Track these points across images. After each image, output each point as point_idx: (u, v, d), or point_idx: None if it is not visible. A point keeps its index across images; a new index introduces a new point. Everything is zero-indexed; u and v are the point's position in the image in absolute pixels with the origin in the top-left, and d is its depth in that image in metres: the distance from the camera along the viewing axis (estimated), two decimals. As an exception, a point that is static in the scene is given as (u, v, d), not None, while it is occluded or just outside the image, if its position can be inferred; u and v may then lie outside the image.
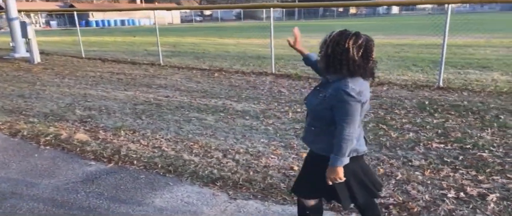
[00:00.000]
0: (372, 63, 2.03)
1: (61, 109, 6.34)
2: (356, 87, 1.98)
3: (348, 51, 1.96)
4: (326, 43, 2.04)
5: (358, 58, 1.98)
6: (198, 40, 20.30)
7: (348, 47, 1.96)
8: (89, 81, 8.81)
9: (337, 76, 2.03)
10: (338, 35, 2.02)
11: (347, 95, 1.96)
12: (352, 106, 1.98)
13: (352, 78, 2.00)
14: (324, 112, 2.09)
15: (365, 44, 1.99)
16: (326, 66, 2.07)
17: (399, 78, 8.15)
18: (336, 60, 2.00)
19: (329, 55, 2.02)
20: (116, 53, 14.57)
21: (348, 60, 1.97)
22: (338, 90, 1.99)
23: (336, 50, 1.99)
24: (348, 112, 1.99)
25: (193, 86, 7.97)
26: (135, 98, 6.98)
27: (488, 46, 13.19)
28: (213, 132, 4.96)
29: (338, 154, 2.05)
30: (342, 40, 1.98)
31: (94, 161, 4.17)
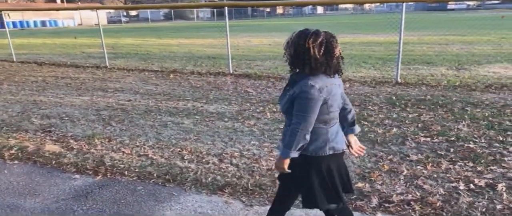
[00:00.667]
0: (336, 59, 2.05)
1: (14, 118, 5.72)
2: (317, 84, 2.00)
3: (309, 50, 1.99)
4: (289, 44, 2.08)
5: (320, 56, 2.00)
6: (136, 41, 19.52)
7: (308, 47, 1.99)
8: (33, 87, 8.07)
9: (301, 75, 2.06)
10: (297, 35, 2.05)
11: (306, 92, 1.99)
12: (310, 102, 1.99)
13: (314, 76, 2.02)
14: (291, 110, 2.09)
15: (326, 41, 2.01)
16: (291, 66, 2.11)
17: (356, 75, 8.34)
18: (299, 59, 2.03)
19: (293, 56, 2.06)
20: (52, 56, 13.55)
21: (310, 59, 2.00)
22: (300, 86, 2.02)
23: (298, 50, 2.02)
24: (304, 108, 2.01)
25: (152, 88, 7.58)
26: (94, 103, 6.49)
27: (423, 43, 13.96)
28: (197, 136, 4.72)
29: (286, 146, 2.07)
30: (302, 39, 2.01)
31: (77, 174, 3.78)
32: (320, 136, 2.13)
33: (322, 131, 2.13)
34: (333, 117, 2.14)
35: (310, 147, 2.12)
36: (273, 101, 6.23)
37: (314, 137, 2.11)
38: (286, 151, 2.08)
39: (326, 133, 2.13)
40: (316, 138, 2.12)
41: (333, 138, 2.14)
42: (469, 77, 7.65)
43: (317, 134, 2.12)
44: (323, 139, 2.13)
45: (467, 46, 12.80)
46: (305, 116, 2.02)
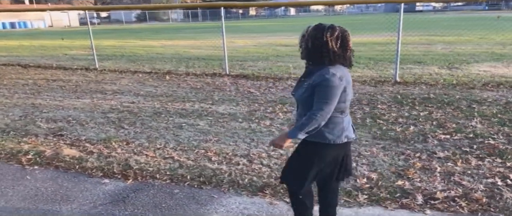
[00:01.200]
0: (350, 52, 2.17)
1: (17, 122, 5.50)
2: (337, 73, 2.10)
3: (327, 44, 2.10)
4: (305, 37, 2.17)
5: (337, 49, 2.11)
6: (118, 43, 19.10)
7: (326, 40, 2.09)
8: (26, 90, 7.79)
9: (319, 66, 2.15)
10: (314, 29, 2.14)
11: (329, 80, 2.08)
12: (332, 89, 2.09)
13: (333, 67, 2.12)
14: (311, 100, 2.16)
15: (342, 35, 2.12)
16: (308, 58, 2.21)
17: (353, 74, 8.38)
18: (317, 52, 2.12)
19: (310, 49, 2.15)
20: (35, 58, 13.13)
21: (328, 52, 2.10)
22: (321, 76, 2.10)
23: (315, 44, 2.12)
24: (326, 95, 2.09)
25: (152, 90, 7.44)
26: (97, 106, 6.32)
27: (406, 44, 14.16)
28: (216, 137, 4.65)
29: (298, 128, 2.17)
30: (320, 33, 2.11)
31: (105, 178, 3.66)
32: (337, 125, 2.22)
33: (339, 120, 2.22)
34: (347, 106, 2.23)
35: (329, 136, 2.21)
36: (280, 102, 6.21)
37: (332, 126, 2.21)
38: (295, 132, 2.18)
39: (342, 122, 2.23)
40: (334, 127, 2.22)
41: (347, 127, 2.26)
42: (463, 76, 7.83)
43: (334, 123, 2.21)
44: (340, 128, 2.23)
45: (449, 46, 13.11)
46: (328, 102, 2.10)
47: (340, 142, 2.25)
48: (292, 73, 8.80)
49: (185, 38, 21.44)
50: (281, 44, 15.97)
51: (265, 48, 14.50)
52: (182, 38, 21.51)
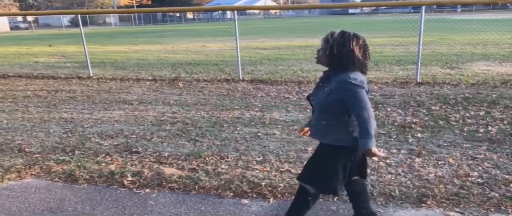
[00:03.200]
0: (368, 59, 2.29)
1: (70, 140, 4.93)
2: (358, 77, 2.19)
3: (353, 51, 2.19)
4: (330, 43, 2.22)
5: (361, 57, 2.22)
6: (80, 49, 17.78)
7: (352, 48, 2.19)
8: (37, 103, 7.07)
9: (337, 71, 2.23)
10: (340, 37, 2.21)
11: (353, 85, 2.16)
12: (361, 93, 2.17)
13: (351, 71, 2.20)
14: (334, 105, 2.24)
15: (364, 43, 2.24)
16: (331, 64, 2.28)
17: (370, 76, 8.46)
18: (343, 59, 2.20)
19: (335, 55, 2.21)
20: (10, 67, 11.95)
21: (354, 59, 2.19)
22: (343, 82, 2.18)
23: (342, 51, 2.19)
24: (360, 99, 2.17)
25: (179, 99, 7.03)
26: (138, 117, 5.90)
27: (379, 45, 14.61)
28: (308, 146, 4.40)
29: (367, 137, 2.20)
30: (346, 41, 2.19)
31: (241, 198, 3.33)
32: (356, 128, 2.27)
33: (356, 123, 2.27)
34: None
35: (349, 139, 2.29)
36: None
37: (352, 129, 2.29)
38: (367, 141, 2.20)
39: None
40: (353, 130, 2.29)
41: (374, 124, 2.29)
42: (473, 75, 8.14)
43: (354, 126, 2.29)
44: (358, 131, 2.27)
45: (426, 47, 13.62)
46: (366, 104, 2.17)
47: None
48: (305, 76, 8.69)
49: (149, 42, 20.54)
50: (260, 47, 15.81)
51: (246, 51, 14.23)
52: (146, 42, 20.58)
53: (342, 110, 2.25)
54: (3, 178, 3.73)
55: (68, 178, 3.76)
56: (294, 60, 11.57)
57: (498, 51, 11.62)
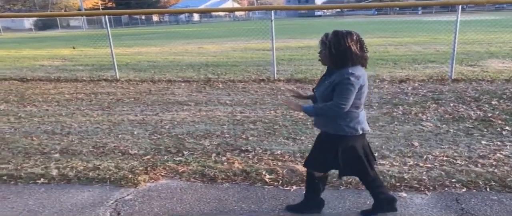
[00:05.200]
0: (367, 52, 2.42)
1: (164, 141, 4.83)
2: (356, 72, 2.34)
3: (350, 48, 2.32)
4: (327, 45, 2.37)
5: (359, 52, 2.35)
6: (75, 52, 17.26)
7: (349, 45, 2.32)
8: (88, 105, 6.84)
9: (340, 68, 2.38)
10: (335, 36, 2.35)
11: (348, 79, 2.32)
12: (351, 87, 2.32)
13: (352, 66, 2.36)
14: (330, 96, 2.41)
15: (359, 38, 2.37)
16: (332, 63, 2.42)
17: (401, 74, 8.68)
18: (342, 57, 2.34)
19: (334, 54, 2.36)
20: (15, 71, 11.40)
21: (352, 55, 2.33)
22: (340, 75, 2.35)
23: (339, 49, 2.33)
24: (345, 93, 2.34)
25: (232, 99, 7.00)
26: (210, 118, 5.83)
27: (376, 45, 14.97)
28: (418, 142, 4.49)
29: (314, 109, 2.50)
30: (341, 40, 2.32)
31: (392, 191, 3.37)
32: (353, 119, 2.47)
33: (355, 115, 2.47)
34: (363, 102, 2.48)
35: (346, 129, 2.47)
36: (396, 102, 6.20)
37: (349, 119, 2.46)
38: (310, 110, 2.51)
39: (358, 117, 2.48)
40: (350, 120, 2.47)
41: (362, 120, 2.52)
42: (498, 72, 8.51)
43: (350, 117, 2.46)
44: (356, 122, 2.48)
45: (421, 46, 14.10)
46: (346, 100, 2.34)
47: (356, 134, 2.50)
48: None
49: (140, 45, 20.02)
50: (262, 49, 15.79)
51: (245, 53, 14.22)
52: (136, 45, 20.08)
53: None
54: (139, 180, 3.60)
55: (202, 177, 3.69)
56: (306, 60, 11.67)
57: (499, 50, 12.14)
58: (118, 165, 3.98)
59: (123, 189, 3.50)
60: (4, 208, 3.22)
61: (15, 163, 4.14)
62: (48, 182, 3.71)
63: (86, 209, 3.15)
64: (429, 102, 6.16)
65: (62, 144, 4.72)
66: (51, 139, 4.92)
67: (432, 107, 5.88)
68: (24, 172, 3.89)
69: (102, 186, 3.58)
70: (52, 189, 3.57)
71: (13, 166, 4.04)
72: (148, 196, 3.34)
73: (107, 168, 3.92)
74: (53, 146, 4.64)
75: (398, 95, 6.72)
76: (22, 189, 3.58)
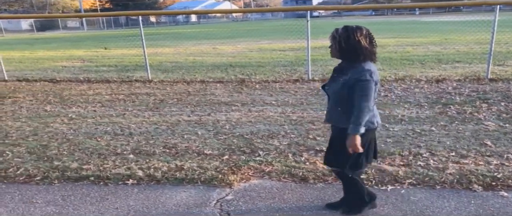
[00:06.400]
0: (376, 47, 2.46)
1: (232, 141, 4.84)
2: (371, 69, 2.39)
3: (360, 42, 2.37)
4: (337, 39, 2.42)
5: (368, 46, 2.38)
6: (89, 53, 17.16)
7: (358, 40, 2.36)
8: (135, 106, 6.84)
9: (351, 63, 2.42)
10: (344, 31, 2.40)
11: (365, 76, 2.36)
12: (370, 84, 2.36)
13: (365, 63, 2.39)
14: (348, 94, 2.44)
15: (368, 33, 2.42)
16: (342, 57, 2.49)
17: (429, 75, 8.71)
18: (352, 51, 2.39)
19: (344, 48, 2.41)
20: (39, 72, 11.32)
21: (362, 49, 2.37)
22: (357, 73, 2.37)
23: (349, 43, 2.38)
24: (366, 89, 2.37)
25: (276, 99, 7.00)
26: (267, 118, 5.83)
27: (393, 46, 15.02)
28: (491, 142, 4.49)
29: (356, 124, 2.43)
30: (351, 34, 2.37)
31: (486, 191, 3.39)
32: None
33: None
34: (375, 97, 2.51)
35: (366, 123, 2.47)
36: (446, 101, 6.23)
37: None
38: (356, 128, 2.43)
39: (372, 110, 2.49)
40: None
41: (376, 114, 2.58)
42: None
43: None
44: (372, 115, 2.51)
45: (439, 46, 14.15)
46: (368, 96, 2.37)
47: (373, 127, 2.57)
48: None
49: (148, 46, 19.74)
50: (271, 49, 15.83)
51: (262, 53, 14.22)
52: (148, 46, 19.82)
53: None
54: (230, 180, 3.60)
55: (293, 177, 3.71)
56: (322, 60, 11.68)
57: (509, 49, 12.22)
58: (200, 166, 3.96)
59: (218, 189, 3.49)
60: (108, 209, 3.20)
61: (95, 164, 4.09)
62: (137, 182, 3.67)
63: (193, 209, 3.14)
64: (477, 101, 6.19)
65: (131, 144, 4.69)
66: (117, 140, 4.88)
67: (483, 106, 5.90)
68: (108, 173, 3.84)
69: (194, 187, 3.56)
70: (145, 190, 3.53)
71: (94, 167, 3.99)
72: (248, 196, 3.33)
73: (192, 169, 3.90)
74: (123, 147, 4.61)
75: (442, 94, 6.75)
76: (115, 189, 3.55)
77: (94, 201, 3.35)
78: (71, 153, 4.46)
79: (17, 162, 4.22)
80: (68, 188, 3.62)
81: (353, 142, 2.46)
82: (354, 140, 2.45)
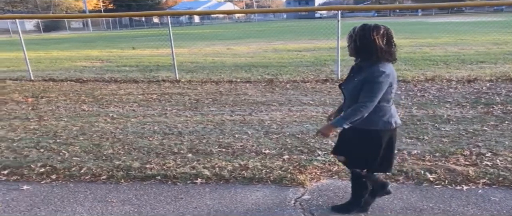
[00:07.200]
0: (394, 47, 2.39)
1: (285, 141, 4.78)
2: (386, 70, 2.33)
3: (375, 41, 2.31)
4: (353, 37, 2.39)
5: (384, 46, 2.32)
6: (103, 53, 17.10)
7: (373, 38, 2.31)
8: (173, 106, 6.83)
9: (368, 62, 2.37)
10: (361, 29, 2.36)
11: (378, 77, 2.31)
12: (380, 85, 2.32)
13: (381, 63, 2.34)
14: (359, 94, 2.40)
15: (387, 32, 2.35)
16: (357, 55, 2.45)
17: (458, 75, 8.67)
18: (366, 50, 2.34)
19: (359, 47, 2.37)
20: (63, 73, 11.27)
21: (376, 49, 2.31)
22: (371, 73, 2.33)
23: (364, 42, 2.34)
24: (374, 90, 2.33)
25: (312, 99, 6.96)
26: (310, 118, 5.80)
27: (416, 46, 14.98)
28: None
29: (344, 118, 2.44)
30: (367, 33, 2.32)
31: None
32: (386, 112, 2.47)
33: (387, 108, 2.47)
34: (393, 97, 2.48)
35: (379, 123, 2.46)
36: (485, 101, 6.17)
37: (382, 113, 2.45)
38: (341, 121, 2.44)
39: (390, 110, 2.47)
40: (383, 115, 2.46)
41: (394, 114, 2.51)
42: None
43: (383, 111, 2.46)
44: (389, 115, 2.47)
45: (455, 46, 14.11)
46: (373, 97, 2.34)
47: (390, 127, 2.50)
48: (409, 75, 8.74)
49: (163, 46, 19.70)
50: (286, 49, 15.81)
51: (279, 54, 14.19)
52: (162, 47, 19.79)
53: None
54: (302, 180, 3.56)
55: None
56: (344, 60, 11.61)
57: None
58: (264, 165, 3.92)
59: (292, 188, 3.45)
60: (187, 208, 3.16)
61: (156, 163, 4.05)
62: (206, 182, 3.62)
63: (274, 209, 3.11)
64: (519, 101, 6.14)
65: (185, 144, 4.65)
66: (169, 140, 4.84)
67: (527, 106, 5.85)
68: (174, 172, 3.80)
69: (265, 186, 3.52)
70: (216, 189, 3.49)
71: (157, 167, 3.95)
72: (326, 196, 3.29)
73: (257, 168, 3.85)
74: (177, 146, 4.57)
75: (479, 95, 6.72)
76: (186, 189, 3.51)
77: (169, 200, 3.30)
78: (128, 152, 4.41)
79: (77, 161, 4.16)
80: (137, 187, 3.57)
81: (326, 131, 2.55)
82: (329, 130, 2.54)
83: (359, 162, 2.69)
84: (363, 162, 2.67)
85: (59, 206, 3.25)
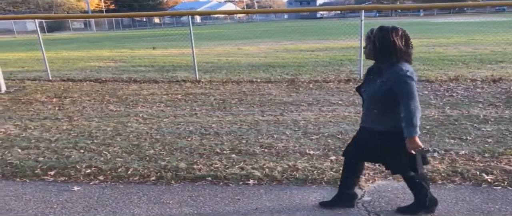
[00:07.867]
0: (411, 48, 2.41)
1: (327, 141, 4.72)
2: (409, 69, 2.34)
3: (394, 43, 2.32)
4: (371, 39, 2.39)
5: (403, 47, 2.34)
6: (115, 54, 17.05)
7: (393, 40, 2.32)
8: (200, 106, 6.78)
9: (387, 64, 2.37)
10: (380, 31, 2.37)
11: (405, 77, 2.31)
12: (411, 85, 2.31)
13: (401, 64, 2.34)
14: (386, 95, 2.39)
15: (404, 34, 2.37)
16: (376, 57, 2.44)
17: (482, 75, 8.62)
18: (386, 51, 2.34)
19: (378, 49, 2.37)
20: (80, 73, 11.21)
21: (396, 50, 2.32)
22: (395, 74, 2.33)
23: (383, 43, 2.34)
24: (411, 90, 2.31)
25: (339, 99, 6.91)
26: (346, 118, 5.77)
27: (431, 46, 14.95)
28: None
29: (412, 126, 2.36)
30: (386, 35, 2.34)
31: None
32: None
33: None
34: None
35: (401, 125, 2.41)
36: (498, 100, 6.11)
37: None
38: (412, 130, 2.35)
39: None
40: None
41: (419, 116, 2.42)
42: None
43: None
44: None
45: (469, 46, 14.06)
46: (414, 96, 2.31)
47: None
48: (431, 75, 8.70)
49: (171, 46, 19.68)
50: (299, 49, 15.75)
51: (292, 54, 14.14)
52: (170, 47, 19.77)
53: (394, 99, 2.36)
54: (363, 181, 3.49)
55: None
56: (365, 61, 11.56)
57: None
58: (313, 166, 3.86)
59: (349, 190, 3.36)
60: (247, 209, 3.11)
61: (203, 164, 3.99)
62: (258, 183, 3.56)
63: (337, 210, 3.05)
64: (552, 101, 6.08)
65: (226, 144, 4.60)
66: (207, 140, 4.78)
67: (562, 106, 5.79)
68: (224, 173, 3.74)
69: (320, 187, 3.48)
70: (271, 190, 3.44)
71: (205, 167, 3.89)
72: (387, 197, 3.23)
73: (306, 169, 3.80)
74: (219, 147, 4.52)
75: (509, 94, 6.67)
76: (240, 190, 3.46)
77: (227, 201, 3.24)
78: (170, 153, 4.36)
79: (121, 162, 4.10)
80: (189, 188, 3.52)
81: (413, 145, 2.41)
82: (413, 142, 2.40)
83: (400, 165, 2.62)
84: (403, 165, 2.59)
85: (115, 208, 3.19)
